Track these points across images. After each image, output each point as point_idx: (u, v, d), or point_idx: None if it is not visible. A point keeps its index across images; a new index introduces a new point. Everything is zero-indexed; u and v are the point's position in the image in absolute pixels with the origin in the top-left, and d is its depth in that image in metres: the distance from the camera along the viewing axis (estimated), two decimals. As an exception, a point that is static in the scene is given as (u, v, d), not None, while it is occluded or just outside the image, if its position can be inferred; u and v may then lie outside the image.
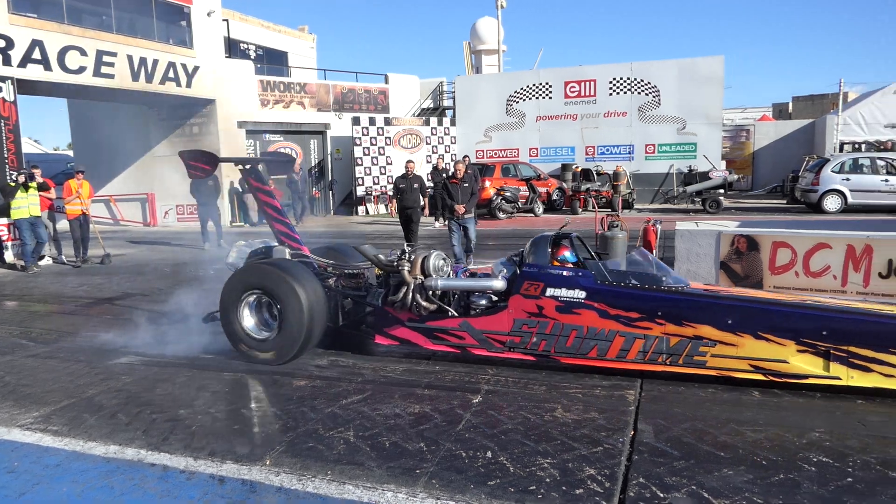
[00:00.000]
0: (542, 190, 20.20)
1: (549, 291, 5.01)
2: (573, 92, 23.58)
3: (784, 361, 4.54)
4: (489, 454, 3.79)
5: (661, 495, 3.30)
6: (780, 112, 37.46)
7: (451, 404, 4.58)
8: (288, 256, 6.01)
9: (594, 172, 21.30)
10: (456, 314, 5.36)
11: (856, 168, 17.96)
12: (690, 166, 21.11)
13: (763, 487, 3.34)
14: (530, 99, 24.05)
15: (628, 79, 22.84)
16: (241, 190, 20.28)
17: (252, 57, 26.06)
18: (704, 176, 19.70)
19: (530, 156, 23.84)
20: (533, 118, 24.06)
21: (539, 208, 19.54)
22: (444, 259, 5.60)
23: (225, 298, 5.61)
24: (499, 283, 5.24)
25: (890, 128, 23.33)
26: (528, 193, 19.56)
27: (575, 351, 4.99)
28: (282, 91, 22.59)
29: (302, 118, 23.04)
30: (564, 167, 22.27)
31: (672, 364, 4.79)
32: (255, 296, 5.54)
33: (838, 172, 17.85)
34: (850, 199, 17.55)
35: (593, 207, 17.84)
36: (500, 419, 4.30)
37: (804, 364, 4.51)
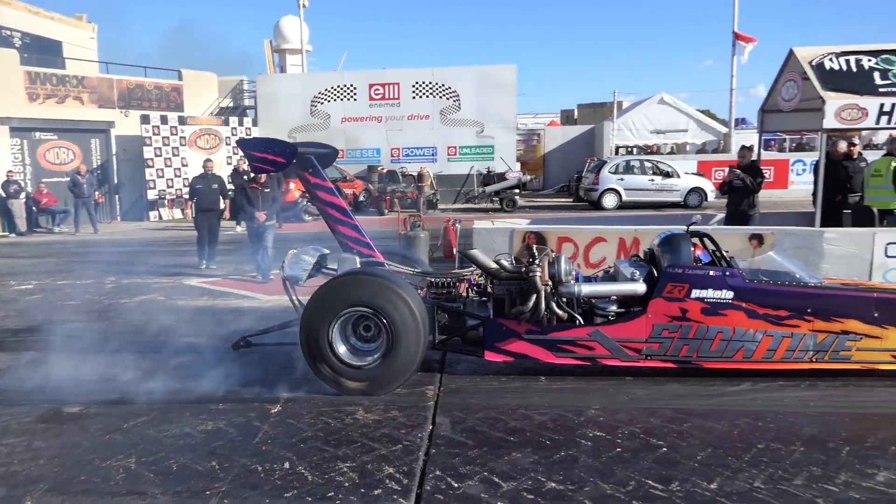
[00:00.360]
0: (349, 191, 20.15)
1: (695, 293, 4.80)
2: (377, 94, 23.82)
3: None
4: (287, 465, 3.66)
5: (456, 485, 3.41)
6: (567, 118, 40.97)
7: (248, 417, 4.36)
8: (359, 265, 5.24)
9: (399, 174, 21.68)
10: (583, 322, 4.95)
11: (628, 169, 20.18)
12: (489, 168, 22.28)
13: (546, 466, 3.59)
14: (335, 100, 23.89)
15: (430, 83, 23.57)
16: (4, 195, 17.77)
17: (17, 45, 22.96)
18: (501, 177, 20.92)
19: (336, 157, 23.63)
20: (338, 119, 23.93)
21: (346, 210, 19.48)
22: (570, 262, 5.15)
23: (313, 317, 4.69)
24: (641, 287, 4.90)
25: (655, 133, 26.49)
26: (334, 195, 19.39)
27: (719, 354, 4.83)
28: (55, 84, 20.16)
29: (80, 115, 20.73)
30: (370, 168, 22.39)
31: (818, 361, 4.80)
32: (348, 314, 4.68)
33: (614, 173, 19.92)
34: (624, 197, 19.67)
35: (398, 209, 18.14)
36: (300, 427, 4.18)
37: None
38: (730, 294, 4.78)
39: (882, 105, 7.84)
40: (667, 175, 19.74)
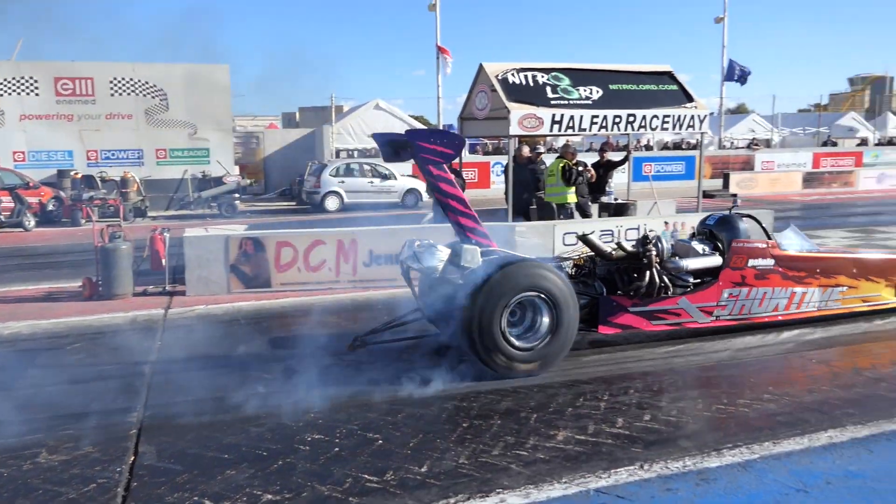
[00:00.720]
0: (34, 200, 17.41)
1: (751, 262, 5.91)
2: (66, 90, 20.97)
3: (878, 295, 6.52)
4: (-61, 534, 3.02)
5: (161, 517, 3.13)
6: (290, 121, 40.61)
7: None
8: (479, 255, 5.22)
9: (98, 179, 19.37)
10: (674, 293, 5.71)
11: (349, 172, 20.64)
12: (204, 171, 21.04)
13: (263, 479, 3.48)
14: (11, 94, 20.47)
15: (131, 80, 21.46)
16: None
17: None
18: (219, 181, 19.93)
19: (15, 161, 20.28)
20: (16, 117, 20.53)
21: (30, 221, 16.77)
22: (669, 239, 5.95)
23: (485, 308, 4.84)
24: (719, 260, 5.90)
25: (372, 137, 27.46)
26: (13, 205, 16.62)
27: (763, 310, 6.01)
28: None
29: None
30: (61, 173, 19.68)
31: (820, 308, 6.23)
32: (517, 300, 4.98)
33: (335, 176, 20.22)
34: (346, 199, 20.05)
35: (95, 218, 16.18)
36: (-40, 484, 3.47)
37: (890, 295, 6.58)
38: (771, 261, 6.02)
39: (553, 115, 9.11)
40: (385, 177, 20.59)
